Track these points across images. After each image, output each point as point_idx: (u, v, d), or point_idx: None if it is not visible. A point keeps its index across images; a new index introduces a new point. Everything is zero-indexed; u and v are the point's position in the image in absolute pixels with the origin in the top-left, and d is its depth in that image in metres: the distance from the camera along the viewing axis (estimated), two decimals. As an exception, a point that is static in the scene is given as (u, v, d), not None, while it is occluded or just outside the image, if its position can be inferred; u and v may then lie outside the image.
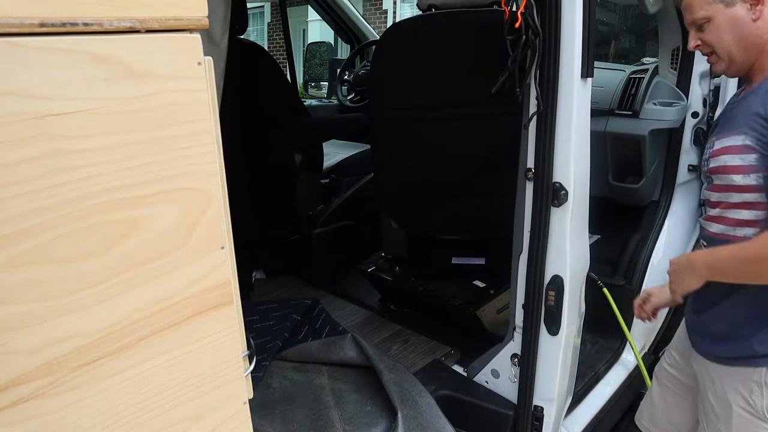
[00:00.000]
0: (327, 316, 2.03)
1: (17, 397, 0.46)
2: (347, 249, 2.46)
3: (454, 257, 2.13)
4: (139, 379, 0.53)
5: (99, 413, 0.51)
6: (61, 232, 0.46)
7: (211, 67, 0.54)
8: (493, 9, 1.65)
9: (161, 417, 0.56)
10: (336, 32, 3.34)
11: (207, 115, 0.54)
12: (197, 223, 0.55)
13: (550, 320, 1.34)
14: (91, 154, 0.46)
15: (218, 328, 0.59)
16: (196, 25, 0.52)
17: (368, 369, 1.59)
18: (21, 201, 0.43)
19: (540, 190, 1.31)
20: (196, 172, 0.54)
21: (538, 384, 1.45)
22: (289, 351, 1.73)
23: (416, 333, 1.99)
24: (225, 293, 0.59)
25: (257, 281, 2.43)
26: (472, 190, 1.86)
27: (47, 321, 0.46)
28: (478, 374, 1.63)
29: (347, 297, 2.29)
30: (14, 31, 0.41)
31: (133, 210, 0.50)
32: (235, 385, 0.62)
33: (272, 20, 11.25)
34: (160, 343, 0.54)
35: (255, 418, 0.66)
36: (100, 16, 0.46)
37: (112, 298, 0.50)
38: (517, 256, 1.43)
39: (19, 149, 0.43)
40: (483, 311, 1.84)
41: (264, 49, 2.42)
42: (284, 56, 2.97)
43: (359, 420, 1.43)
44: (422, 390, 1.52)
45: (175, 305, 0.54)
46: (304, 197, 2.46)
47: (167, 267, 0.53)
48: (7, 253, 0.43)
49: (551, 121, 1.25)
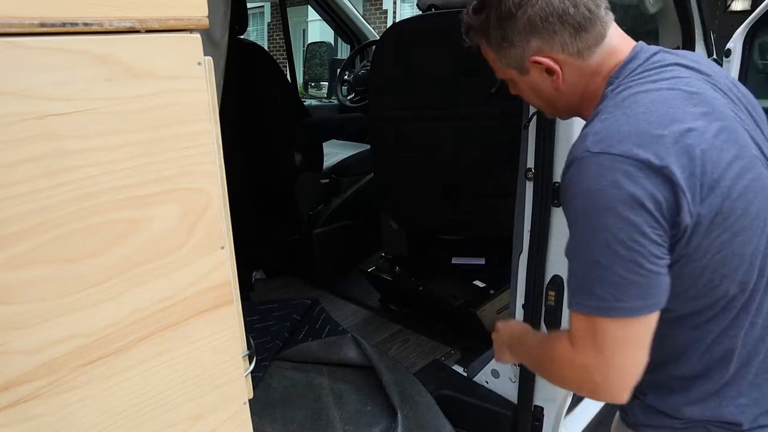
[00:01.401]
0: (327, 316, 2.03)
1: (17, 397, 0.46)
2: (347, 249, 2.46)
3: (454, 257, 2.13)
4: (139, 379, 0.53)
5: (99, 413, 0.51)
6: (61, 232, 0.46)
7: (211, 67, 0.54)
8: None
9: (161, 417, 0.56)
10: (336, 32, 3.34)
11: (207, 115, 0.54)
12: (197, 223, 0.55)
13: (550, 320, 1.34)
14: (91, 154, 0.46)
15: (218, 328, 0.59)
16: (196, 25, 0.52)
17: (368, 369, 1.59)
18: (21, 201, 0.43)
19: (540, 190, 1.31)
20: (196, 172, 0.54)
21: (538, 384, 1.45)
22: (289, 351, 1.73)
23: (416, 333, 2.00)
24: (225, 293, 0.59)
25: (257, 281, 2.44)
26: (470, 190, 1.86)
27: (47, 321, 0.46)
28: (478, 374, 1.63)
29: (347, 297, 2.29)
30: (14, 31, 0.41)
31: (133, 210, 0.50)
32: (235, 385, 0.62)
33: (272, 20, 11.25)
34: (160, 343, 0.54)
35: (255, 418, 0.66)
36: (100, 16, 0.46)
37: (112, 298, 0.50)
38: (517, 255, 1.43)
39: (19, 149, 0.43)
40: (483, 311, 1.84)
41: (264, 49, 2.42)
42: (284, 56, 2.97)
43: (359, 420, 1.43)
44: (422, 390, 1.52)
45: (175, 305, 0.54)
46: (304, 197, 2.46)
47: (167, 267, 0.53)
48: (7, 253, 0.43)
49: (551, 121, 1.25)
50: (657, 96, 0.76)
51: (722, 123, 0.76)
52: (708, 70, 0.84)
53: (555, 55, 0.83)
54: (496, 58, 0.90)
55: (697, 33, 2.05)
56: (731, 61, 2.16)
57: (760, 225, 0.77)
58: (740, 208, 0.74)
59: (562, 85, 0.86)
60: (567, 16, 0.80)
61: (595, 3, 0.82)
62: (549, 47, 0.83)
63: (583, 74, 0.85)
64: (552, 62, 0.84)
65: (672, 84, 0.78)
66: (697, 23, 2.04)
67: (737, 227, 0.75)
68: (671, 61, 0.82)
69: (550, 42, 0.82)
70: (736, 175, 0.74)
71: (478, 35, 0.90)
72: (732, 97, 0.83)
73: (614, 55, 0.84)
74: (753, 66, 2.22)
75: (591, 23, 0.81)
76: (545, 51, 0.83)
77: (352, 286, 2.35)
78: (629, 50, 0.84)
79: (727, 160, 0.74)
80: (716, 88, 0.81)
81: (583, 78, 0.85)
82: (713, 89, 0.81)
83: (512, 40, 0.84)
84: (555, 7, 0.80)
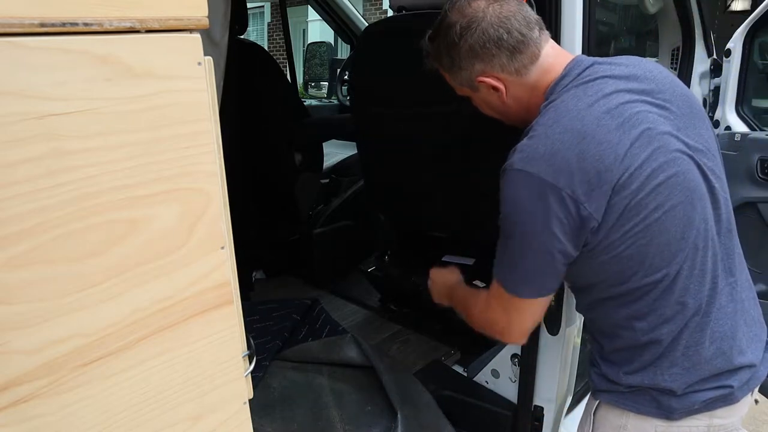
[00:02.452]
0: (327, 316, 2.03)
1: (17, 397, 0.46)
2: (347, 249, 2.46)
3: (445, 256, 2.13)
4: (139, 379, 0.53)
5: (99, 413, 0.51)
6: (61, 232, 0.46)
7: (211, 67, 0.54)
8: None
9: (161, 417, 0.56)
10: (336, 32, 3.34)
11: (207, 115, 0.54)
12: (197, 223, 0.55)
13: (550, 320, 1.34)
14: (91, 154, 0.46)
15: (218, 328, 0.59)
16: (196, 25, 0.52)
17: (368, 369, 1.59)
18: (21, 201, 0.43)
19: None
20: (196, 172, 0.54)
21: (538, 384, 1.45)
22: (289, 351, 1.73)
23: (416, 333, 1.99)
24: (225, 293, 0.59)
25: (257, 281, 2.44)
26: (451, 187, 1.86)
27: (47, 321, 0.46)
28: (478, 374, 1.63)
29: (347, 297, 2.29)
30: (14, 31, 0.41)
31: (133, 210, 0.50)
32: (235, 385, 0.62)
33: (272, 20, 11.25)
34: (160, 343, 0.54)
35: (255, 418, 0.66)
36: (100, 16, 0.46)
37: (112, 298, 0.50)
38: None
39: (19, 149, 0.43)
40: (483, 311, 1.83)
41: (264, 49, 2.42)
42: (284, 56, 2.97)
43: (359, 420, 1.43)
44: (422, 390, 1.52)
45: (175, 305, 0.54)
46: (304, 197, 2.46)
47: (167, 267, 0.53)
48: (7, 253, 0.43)
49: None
50: (576, 114, 0.87)
51: (637, 130, 0.87)
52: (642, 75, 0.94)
53: (497, 74, 0.96)
54: (451, 78, 1.03)
55: (697, 33, 2.05)
56: (731, 61, 2.16)
57: (678, 215, 0.88)
58: (652, 204, 0.86)
59: (507, 99, 0.99)
60: (502, 42, 0.93)
61: (528, 26, 0.94)
62: (491, 68, 0.96)
63: (524, 89, 0.97)
64: (495, 81, 0.97)
65: (593, 101, 0.88)
66: (697, 23, 2.04)
67: (650, 220, 0.87)
68: (601, 74, 0.93)
69: (491, 64, 0.95)
70: (648, 176, 0.85)
71: (434, 60, 1.04)
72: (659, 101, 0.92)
73: (549, 72, 0.95)
74: (753, 66, 2.22)
75: (525, 45, 0.93)
76: (488, 72, 0.96)
77: (352, 286, 2.35)
78: (563, 67, 0.95)
79: (637, 164, 0.85)
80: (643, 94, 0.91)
81: (525, 93, 0.98)
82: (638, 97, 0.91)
83: (460, 65, 0.98)
84: (491, 35, 0.92)
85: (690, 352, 0.93)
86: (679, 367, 0.93)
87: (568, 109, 0.88)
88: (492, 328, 1.03)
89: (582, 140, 0.85)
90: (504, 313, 0.98)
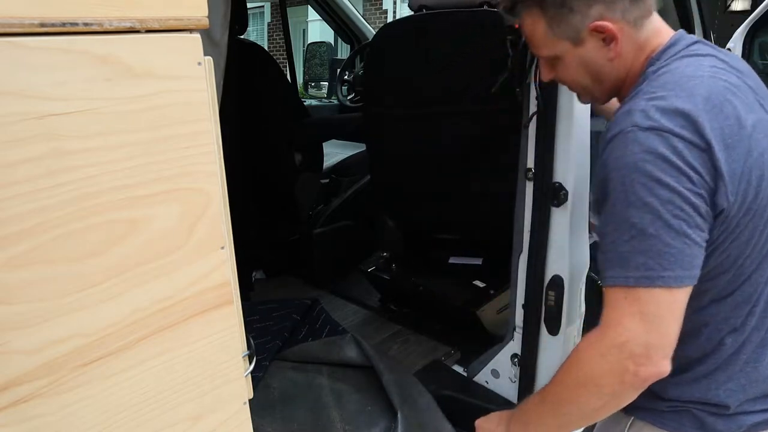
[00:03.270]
0: (327, 316, 2.03)
1: (17, 397, 0.46)
2: (347, 249, 2.46)
3: (452, 257, 2.13)
4: (139, 379, 0.53)
5: (99, 413, 0.51)
6: (61, 232, 0.46)
7: (211, 67, 0.54)
8: (483, 9, 1.66)
9: (161, 417, 0.56)
10: (336, 32, 3.34)
11: (207, 115, 0.54)
12: (197, 223, 0.55)
13: (550, 320, 1.34)
14: (91, 154, 0.46)
15: (218, 328, 0.59)
16: (196, 25, 0.52)
17: (368, 369, 1.59)
18: (21, 201, 0.43)
19: (540, 190, 1.31)
20: (196, 172, 0.54)
21: (538, 384, 1.45)
22: (289, 351, 1.73)
23: (416, 333, 1.99)
24: (225, 293, 0.59)
25: (257, 281, 2.43)
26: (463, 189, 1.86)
27: (47, 321, 0.46)
28: (478, 374, 1.63)
29: (347, 297, 2.29)
30: (14, 31, 0.41)
31: (133, 210, 0.50)
32: (235, 385, 0.62)
33: (272, 20, 11.25)
34: (160, 343, 0.54)
35: (255, 418, 0.66)
36: (100, 16, 0.46)
37: (112, 298, 0.50)
38: (516, 255, 1.43)
39: (19, 149, 0.43)
40: (483, 311, 1.84)
41: (264, 49, 2.42)
42: (284, 56, 2.97)
43: (359, 420, 1.43)
44: (422, 390, 1.52)
45: (175, 305, 0.54)
46: (304, 197, 2.46)
47: (167, 267, 0.53)
48: (7, 253, 0.43)
49: (551, 121, 1.25)
50: (699, 82, 0.77)
51: (756, 116, 0.79)
52: (738, 66, 0.86)
53: (615, 21, 0.83)
54: (549, 28, 0.86)
55: (697, 33, 2.05)
56: (731, 61, 2.16)
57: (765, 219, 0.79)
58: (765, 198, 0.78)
59: (617, 55, 0.85)
60: None
61: None
62: (611, 13, 0.82)
63: (633, 47, 0.85)
64: (615, 28, 0.82)
65: (712, 73, 0.80)
66: (697, 23, 2.04)
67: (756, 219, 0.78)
68: (708, 52, 0.84)
69: (612, 7, 0.82)
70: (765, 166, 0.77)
71: (531, 4, 0.87)
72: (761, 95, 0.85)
73: (658, 36, 0.85)
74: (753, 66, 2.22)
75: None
76: (606, 17, 0.82)
77: (352, 286, 2.35)
78: (670, 35, 0.86)
79: (759, 152, 0.77)
80: (746, 84, 0.83)
81: (632, 52, 0.85)
82: (744, 84, 0.83)
83: (572, 6, 0.83)
84: None
85: (749, 368, 0.84)
86: (734, 383, 0.84)
87: (690, 76, 0.78)
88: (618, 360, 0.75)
89: (713, 109, 0.76)
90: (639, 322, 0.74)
